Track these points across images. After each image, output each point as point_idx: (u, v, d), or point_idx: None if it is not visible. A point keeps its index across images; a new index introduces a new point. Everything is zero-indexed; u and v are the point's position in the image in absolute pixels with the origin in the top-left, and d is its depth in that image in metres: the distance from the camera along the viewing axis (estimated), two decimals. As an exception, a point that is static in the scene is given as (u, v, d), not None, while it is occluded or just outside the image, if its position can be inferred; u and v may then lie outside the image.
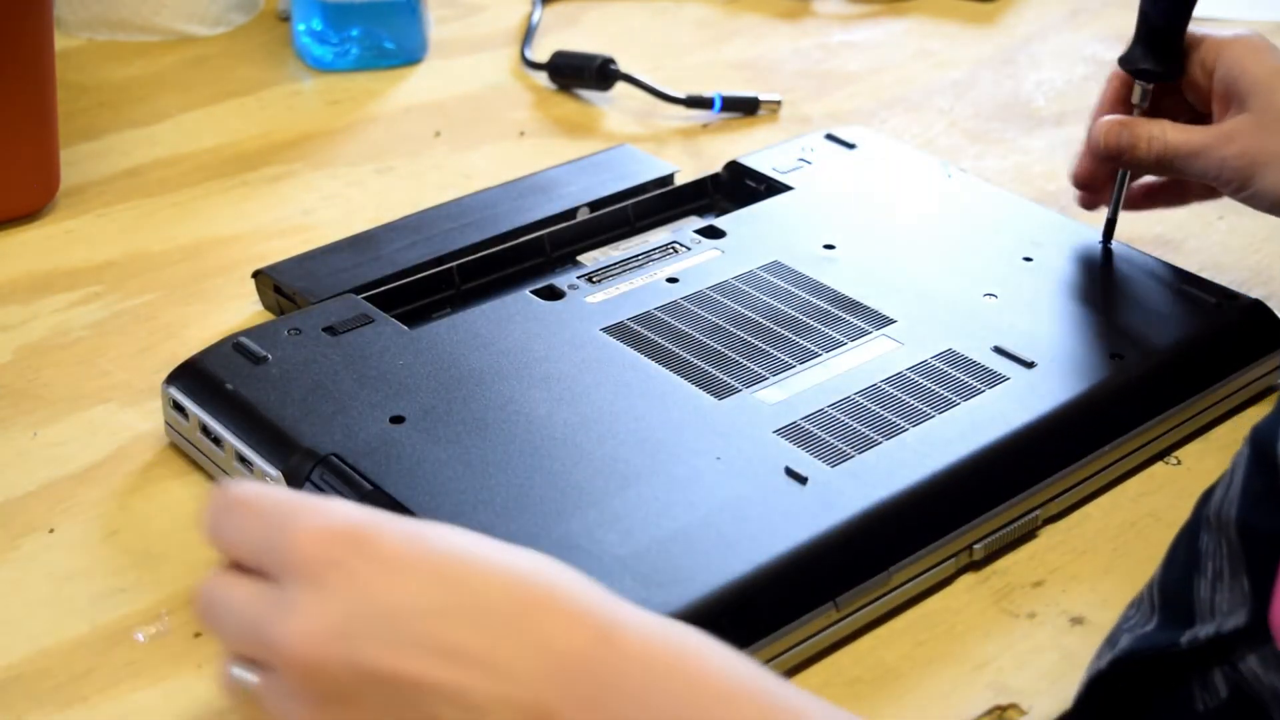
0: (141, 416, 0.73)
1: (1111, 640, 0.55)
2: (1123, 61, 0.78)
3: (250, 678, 0.48)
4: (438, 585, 0.46)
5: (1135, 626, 0.54)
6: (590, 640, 0.45)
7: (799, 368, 0.70)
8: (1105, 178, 0.80)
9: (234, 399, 0.67)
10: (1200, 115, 0.79)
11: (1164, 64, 0.77)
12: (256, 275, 0.80)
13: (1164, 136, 0.76)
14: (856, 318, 0.74)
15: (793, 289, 0.76)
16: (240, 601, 0.47)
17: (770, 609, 0.59)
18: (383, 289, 0.77)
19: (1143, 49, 0.77)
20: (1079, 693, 0.55)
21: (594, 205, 0.86)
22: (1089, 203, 0.82)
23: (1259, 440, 0.50)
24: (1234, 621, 0.50)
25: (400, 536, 0.47)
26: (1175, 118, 0.77)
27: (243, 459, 0.66)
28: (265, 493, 0.49)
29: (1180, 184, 0.81)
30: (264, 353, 0.70)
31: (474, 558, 0.46)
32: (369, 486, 0.62)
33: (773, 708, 0.45)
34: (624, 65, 1.02)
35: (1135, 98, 0.78)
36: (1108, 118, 0.77)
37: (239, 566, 0.49)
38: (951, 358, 0.71)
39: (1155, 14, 0.76)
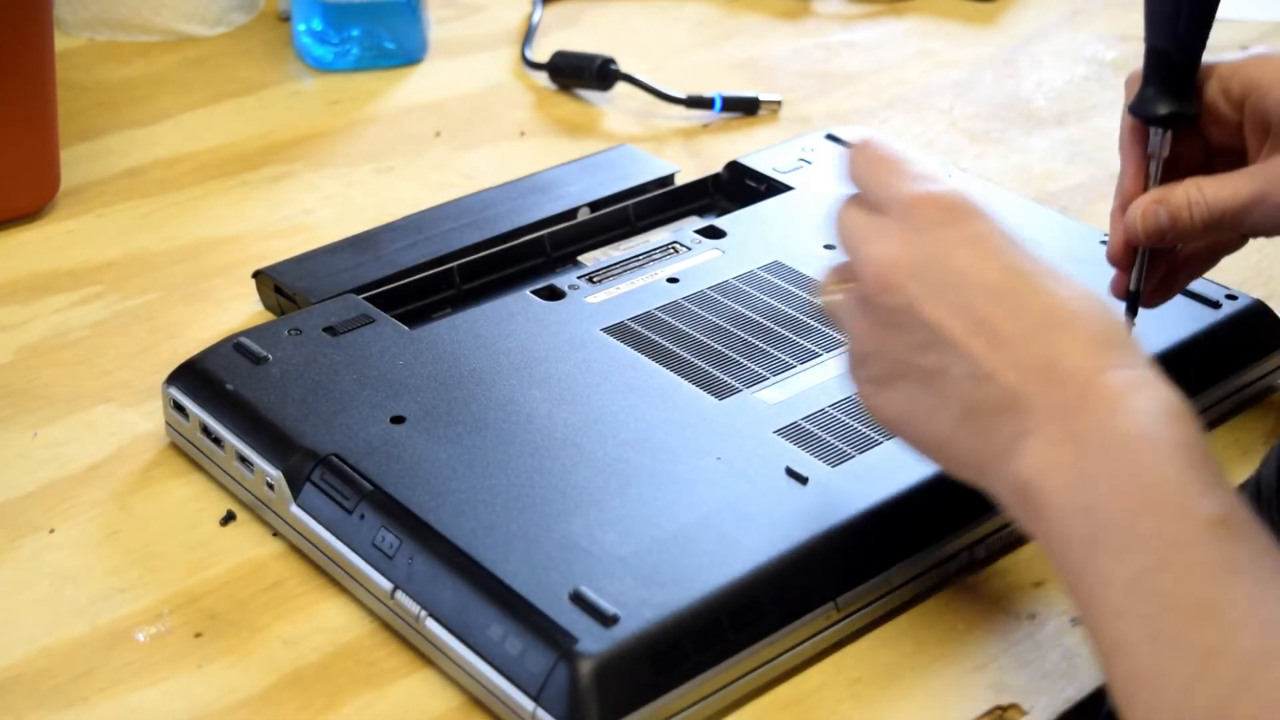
0: (141, 416, 0.73)
1: None
2: (1134, 109, 0.68)
3: (833, 296, 0.59)
4: (1000, 271, 0.54)
5: None
6: (1084, 368, 0.52)
7: (799, 368, 0.70)
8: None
9: (234, 399, 0.67)
10: (1224, 149, 0.70)
11: (1184, 104, 0.67)
12: (257, 275, 0.80)
13: (1204, 197, 0.67)
14: (857, 318, 0.74)
15: (793, 289, 0.76)
16: (855, 217, 0.58)
17: (771, 609, 0.59)
18: (383, 289, 0.77)
19: (1156, 89, 0.67)
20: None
21: (594, 205, 0.86)
22: (1125, 286, 0.71)
23: None
24: None
25: (993, 224, 0.56)
26: (1194, 157, 0.70)
27: (243, 459, 0.66)
28: (901, 155, 0.58)
29: (1210, 246, 0.72)
30: (264, 353, 0.70)
31: (1036, 269, 0.55)
32: (369, 486, 0.62)
33: (1173, 478, 0.49)
34: (624, 65, 1.02)
35: (1152, 146, 0.68)
36: (1137, 203, 0.68)
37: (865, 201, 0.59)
38: (952, 358, 0.71)
39: (1173, 46, 0.67)
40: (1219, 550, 0.47)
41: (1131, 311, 0.71)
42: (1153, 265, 0.70)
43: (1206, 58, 0.68)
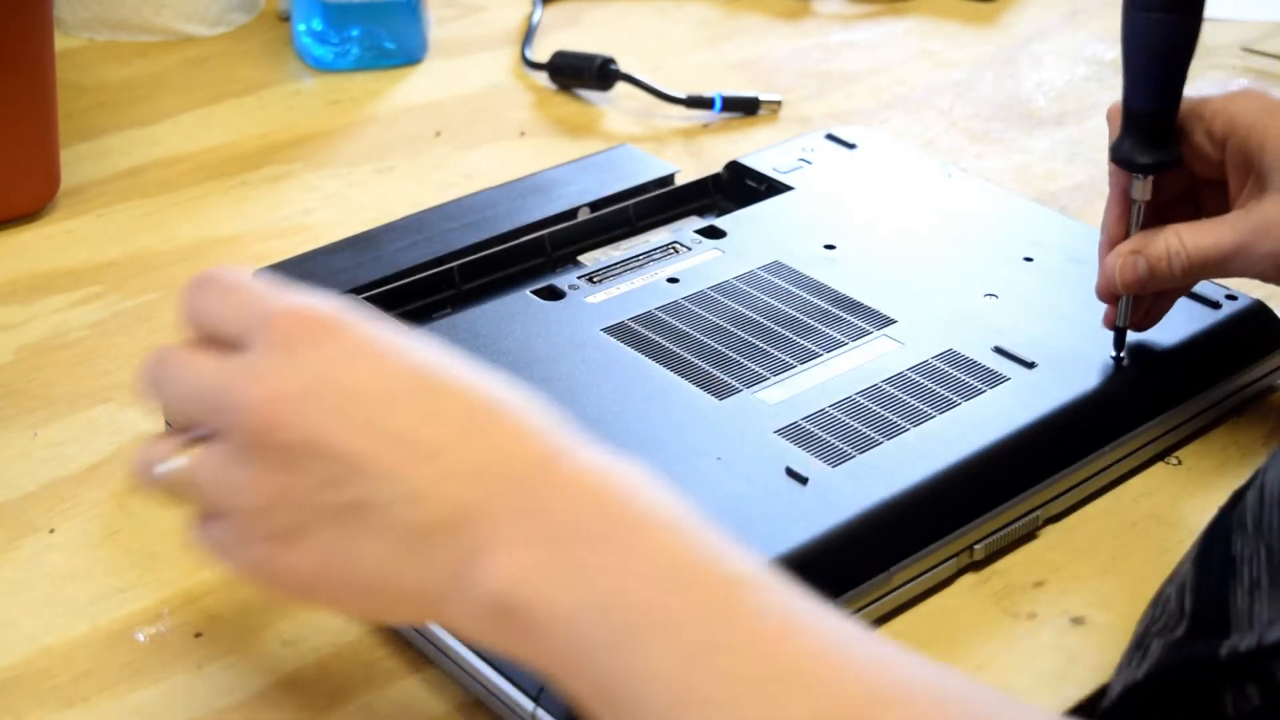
0: (141, 416, 0.73)
1: (1139, 643, 0.54)
2: (1115, 157, 0.69)
3: (181, 460, 0.50)
4: (399, 377, 0.47)
5: (1164, 631, 0.53)
6: (534, 457, 0.46)
7: (800, 368, 0.70)
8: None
9: (234, 399, 0.67)
10: (1209, 182, 0.71)
11: (1163, 153, 0.68)
12: (256, 275, 0.80)
13: (1184, 247, 0.67)
14: (857, 318, 0.74)
15: (793, 289, 0.76)
16: (206, 367, 0.49)
17: (771, 609, 0.59)
18: (383, 289, 0.76)
19: (1134, 139, 0.68)
20: (1111, 700, 0.54)
21: (594, 205, 0.86)
22: (1114, 329, 0.71)
23: None
24: (1276, 634, 0.48)
25: (372, 331, 0.48)
26: (1178, 188, 0.70)
27: (243, 459, 0.66)
28: (245, 277, 0.51)
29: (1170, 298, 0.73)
30: (264, 353, 0.70)
31: (439, 365, 0.48)
32: (369, 486, 0.62)
33: (685, 549, 0.45)
34: (624, 65, 1.02)
35: (1135, 193, 0.69)
36: (1116, 252, 0.69)
37: (203, 344, 0.51)
38: (952, 358, 0.71)
39: (1146, 105, 0.67)
40: (765, 613, 0.44)
41: (1119, 344, 0.71)
42: (1138, 297, 0.71)
43: (1191, 92, 0.68)
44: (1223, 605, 0.51)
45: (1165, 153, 0.68)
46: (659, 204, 0.86)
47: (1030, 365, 0.70)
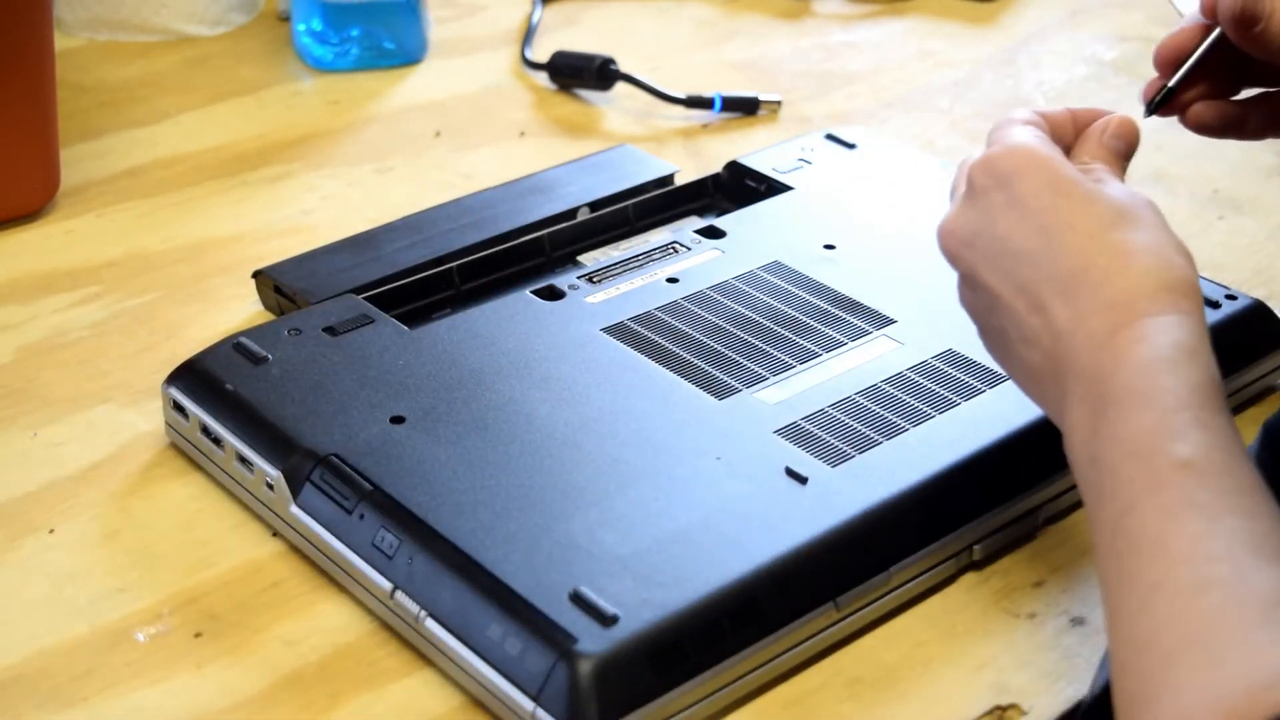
0: (141, 416, 0.73)
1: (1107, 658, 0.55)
2: None
3: None
4: (1036, 234, 0.57)
5: None
6: (1106, 333, 0.54)
7: (799, 368, 0.70)
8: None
9: (234, 399, 0.67)
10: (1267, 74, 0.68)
11: None
12: (256, 275, 0.80)
13: None
14: (856, 318, 0.74)
15: (793, 289, 0.76)
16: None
17: (771, 609, 0.59)
18: (383, 289, 0.77)
19: None
20: (1085, 708, 0.55)
21: (594, 205, 0.86)
22: (1157, 91, 0.68)
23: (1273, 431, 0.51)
24: None
25: (1039, 181, 0.58)
26: (1225, 68, 0.68)
27: (243, 459, 0.66)
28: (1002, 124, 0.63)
29: (1251, 113, 0.69)
30: (264, 353, 0.70)
31: (1077, 225, 0.57)
32: (369, 486, 0.62)
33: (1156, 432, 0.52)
34: (624, 65, 1.02)
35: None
36: None
37: None
38: (951, 358, 0.71)
39: None
40: (1180, 491, 0.49)
41: (1162, 104, 0.68)
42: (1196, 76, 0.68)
43: None
44: None
45: None
46: (659, 204, 0.86)
47: (1030, 365, 0.70)
